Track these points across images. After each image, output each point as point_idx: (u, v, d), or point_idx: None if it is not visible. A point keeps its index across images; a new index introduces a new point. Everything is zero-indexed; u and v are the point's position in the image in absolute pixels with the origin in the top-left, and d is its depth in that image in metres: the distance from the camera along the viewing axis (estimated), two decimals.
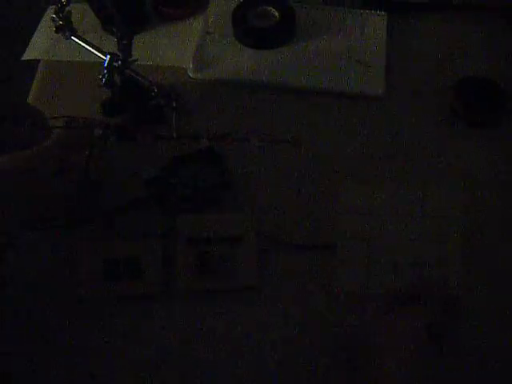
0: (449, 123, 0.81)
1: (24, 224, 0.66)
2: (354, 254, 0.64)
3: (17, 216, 0.62)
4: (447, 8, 0.94)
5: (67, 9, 0.74)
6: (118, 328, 0.64)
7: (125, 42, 0.73)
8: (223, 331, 0.64)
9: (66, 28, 0.74)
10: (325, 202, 0.71)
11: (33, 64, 0.88)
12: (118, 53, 0.74)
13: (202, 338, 0.64)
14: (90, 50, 0.76)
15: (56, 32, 0.75)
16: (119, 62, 0.74)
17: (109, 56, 0.74)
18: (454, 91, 0.82)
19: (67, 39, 0.75)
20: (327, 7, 0.94)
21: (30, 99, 0.83)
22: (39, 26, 0.92)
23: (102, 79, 0.75)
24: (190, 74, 0.86)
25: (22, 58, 0.89)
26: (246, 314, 0.65)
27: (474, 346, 0.62)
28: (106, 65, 0.74)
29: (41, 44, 0.90)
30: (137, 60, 0.76)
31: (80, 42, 0.75)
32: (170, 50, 0.89)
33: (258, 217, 0.69)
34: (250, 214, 0.69)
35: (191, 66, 0.86)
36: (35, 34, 0.92)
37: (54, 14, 0.73)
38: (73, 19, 0.75)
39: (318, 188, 0.73)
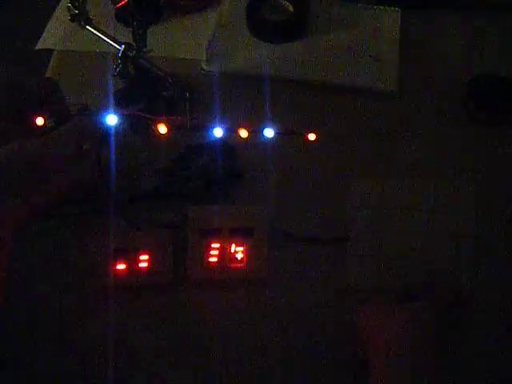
0: (461, 120, 0.81)
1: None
2: (365, 248, 0.64)
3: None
4: (461, 5, 0.94)
5: None
6: (126, 317, 0.64)
7: (140, 31, 0.73)
8: (232, 323, 0.64)
9: (82, 17, 0.74)
10: (337, 195, 0.71)
11: (46, 53, 0.88)
12: (133, 43, 0.74)
13: (211, 328, 0.64)
14: (105, 40, 0.76)
15: (71, 21, 0.75)
16: (134, 52, 0.74)
17: (123, 46, 0.74)
18: (467, 88, 0.82)
19: (82, 28, 0.75)
20: (341, 2, 0.94)
21: None
22: (54, 15, 0.92)
23: (116, 69, 0.75)
24: (204, 66, 0.86)
25: (36, 48, 0.89)
26: (256, 306, 0.65)
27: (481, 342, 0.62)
28: (120, 54, 0.74)
29: (55, 33, 0.90)
30: (151, 51, 0.76)
31: (95, 32, 0.75)
32: (183, 41, 0.89)
33: (269, 209, 0.69)
34: (262, 206, 0.69)
35: (205, 58, 0.86)
36: (49, 23, 0.92)
37: (70, 2, 0.74)
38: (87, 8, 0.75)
39: (330, 181, 0.73)
